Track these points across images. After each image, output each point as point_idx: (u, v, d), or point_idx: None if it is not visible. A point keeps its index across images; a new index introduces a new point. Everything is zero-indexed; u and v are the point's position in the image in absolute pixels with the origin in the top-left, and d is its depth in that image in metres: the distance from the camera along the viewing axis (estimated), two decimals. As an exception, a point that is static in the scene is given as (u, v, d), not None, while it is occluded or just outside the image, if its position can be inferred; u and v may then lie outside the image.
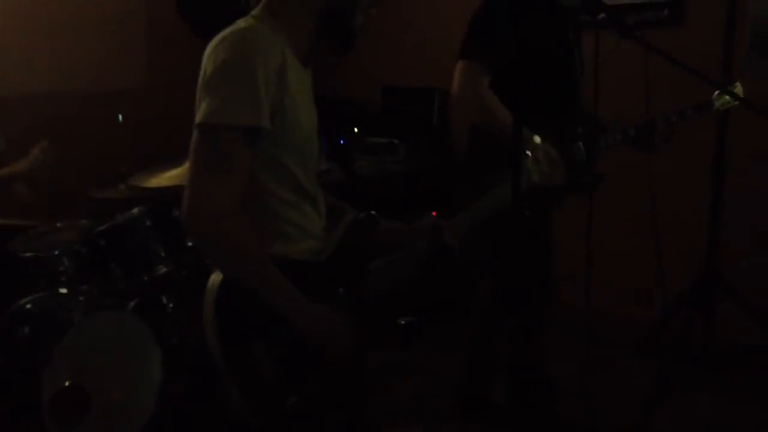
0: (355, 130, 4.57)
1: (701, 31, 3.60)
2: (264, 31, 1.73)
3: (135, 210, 3.03)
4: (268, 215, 1.80)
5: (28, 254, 3.00)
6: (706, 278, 3.39)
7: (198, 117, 1.66)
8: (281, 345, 1.74)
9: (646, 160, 2.76)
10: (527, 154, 2.24)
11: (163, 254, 2.99)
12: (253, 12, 1.82)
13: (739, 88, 2.67)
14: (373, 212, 2.00)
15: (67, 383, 2.55)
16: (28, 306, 2.73)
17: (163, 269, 2.97)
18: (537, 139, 2.29)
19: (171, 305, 3.04)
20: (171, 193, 3.12)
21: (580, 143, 2.63)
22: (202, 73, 1.71)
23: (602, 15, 2.49)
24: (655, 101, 2.62)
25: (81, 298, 2.82)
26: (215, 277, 1.74)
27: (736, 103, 2.62)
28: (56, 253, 2.98)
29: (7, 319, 2.69)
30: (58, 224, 3.22)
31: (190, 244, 3.07)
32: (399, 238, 2.05)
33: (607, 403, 3.06)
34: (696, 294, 3.39)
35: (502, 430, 2.96)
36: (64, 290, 2.87)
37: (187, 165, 3.09)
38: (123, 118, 3.47)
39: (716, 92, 2.67)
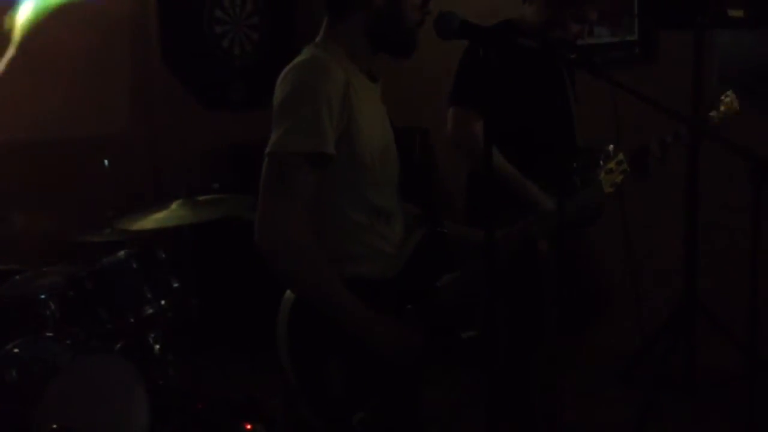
0: None
1: (671, 67, 3.70)
2: (324, 58, 1.83)
3: (121, 253, 3.07)
4: (338, 237, 1.89)
5: (14, 299, 3.01)
6: (685, 306, 3.44)
7: (267, 147, 1.79)
8: (350, 361, 1.82)
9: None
10: (599, 164, 2.32)
11: (149, 296, 3.02)
12: (317, 39, 1.93)
13: (730, 100, 2.71)
14: (443, 229, 2.06)
15: (54, 426, 2.55)
16: (16, 350, 2.74)
17: (149, 311, 3.00)
18: (611, 147, 2.36)
19: (157, 346, 3.05)
20: (156, 235, 3.16)
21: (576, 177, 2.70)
22: (274, 104, 1.84)
23: (573, 55, 2.58)
24: (627, 138, 2.69)
25: (68, 342, 2.83)
26: (288, 296, 1.84)
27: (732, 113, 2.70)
28: (43, 297, 3.00)
29: (-6, 363, 2.70)
30: (45, 269, 3.24)
31: (176, 285, 3.11)
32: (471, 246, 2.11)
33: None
34: (676, 322, 3.44)
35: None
36: (51, 334, 2.89)
37: (172, 207, 3.17)
38: (108, 163, 3.52)
39: (712, 112, 2.74)
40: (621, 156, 2.37)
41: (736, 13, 3.28)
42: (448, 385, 3.37)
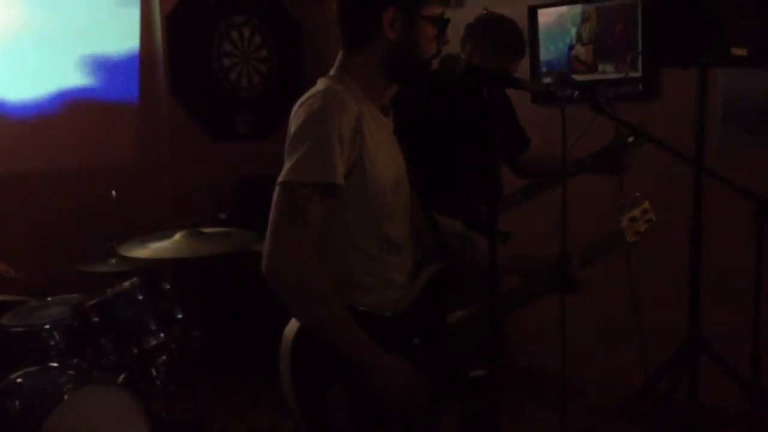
0: None
1: (675, 104, 3.73)
2: (338, 90, 1.84)
3: (126, 284, 3.08)
4: (348, 267, 1.89)
5: (19, 329, 3.02)
6: (688, 342, 3.43)
7: (279, 176, 1.80)
8: (354, 394, 1.81)
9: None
10: (623, 211, 2.27)
11: (153, 327, 3.03)
12: (331, 72, 1.94)
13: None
14: (456, 265, 2.04)
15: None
16: (19, 380, 2.75)
17: (152, 342, 3.01)
18: (636, 194, 2.32)
19: (160, 378, 3.06)
20: (161, 266, 3.18)
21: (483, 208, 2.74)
22: (288, 134, 1.85)
23: (576, 92, 2.61)
24: (629, 175, 2.71)
25: (71, 372, 2.84)
26: (292, 325, 1.83)
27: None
28: (47, 327, 3.01)
29: (-2, 394, 2.71)
30: (49, 299, 3.25)
31: (180, 316, 3.11)
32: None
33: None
34: (679, 358, 3.42)
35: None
36: (54, 364, 2.89)
37: (176, 238, 3.19)
38: (116, 193, 3.55)
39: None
40: (647, 204, 2.33)
41: (739, 51, 3.30)
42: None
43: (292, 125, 1.83)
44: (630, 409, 3.66)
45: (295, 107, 1.86)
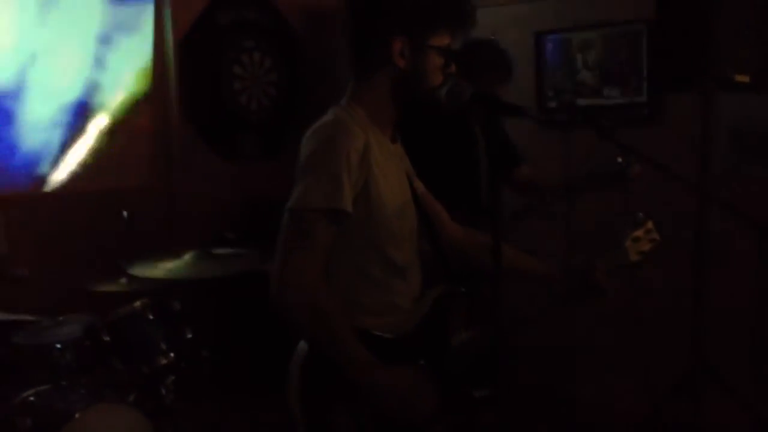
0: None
1: (679, 129, 3.76)
2: (346, 120, 1.91)
3: (136, 304, 3.12)
4: (353, 290, 1.94)
5: (31, 347, 3.06)
6: (693, 368, 3.43)
7: (288, 202, 1.85)
8: (362, 412, 1.85)
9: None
10: (626, 232, 2.30)
11: (163, 347, 3.06)
12: (341, 101, 2.00)
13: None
14: (461, 288, 2.09)
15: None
16: (31, 398, 2.78)
17: (162, 361, 3.04)
18: (640, 214, 2.36)
19: (170, 397, 3.08)
20: (171, 285, 3.22)
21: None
22: (299, 161, 1.91)
23: (580, 117, 2.66)
24: (633, 200, 2.75)
25: (82, 391, 2.87)
26: (302, 346, 1.90)
27: None
28: (58, 346, 3.03)
29: (10, 411, 2.74)
30: (61, 318, 3.28)
31: (189, 336, 3.15)
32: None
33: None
34: (685, 384, 3.43)
35: None
36: (65, 383, 2.92)
37: (186, 258, 3.22)
38: (127, 214, 3.59)
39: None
40: (650, 224, 2.35)
41: (742, 78, 3.34)
42: None
43: (303, 153, 1.89)
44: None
45: (306, 136, 1.92)
